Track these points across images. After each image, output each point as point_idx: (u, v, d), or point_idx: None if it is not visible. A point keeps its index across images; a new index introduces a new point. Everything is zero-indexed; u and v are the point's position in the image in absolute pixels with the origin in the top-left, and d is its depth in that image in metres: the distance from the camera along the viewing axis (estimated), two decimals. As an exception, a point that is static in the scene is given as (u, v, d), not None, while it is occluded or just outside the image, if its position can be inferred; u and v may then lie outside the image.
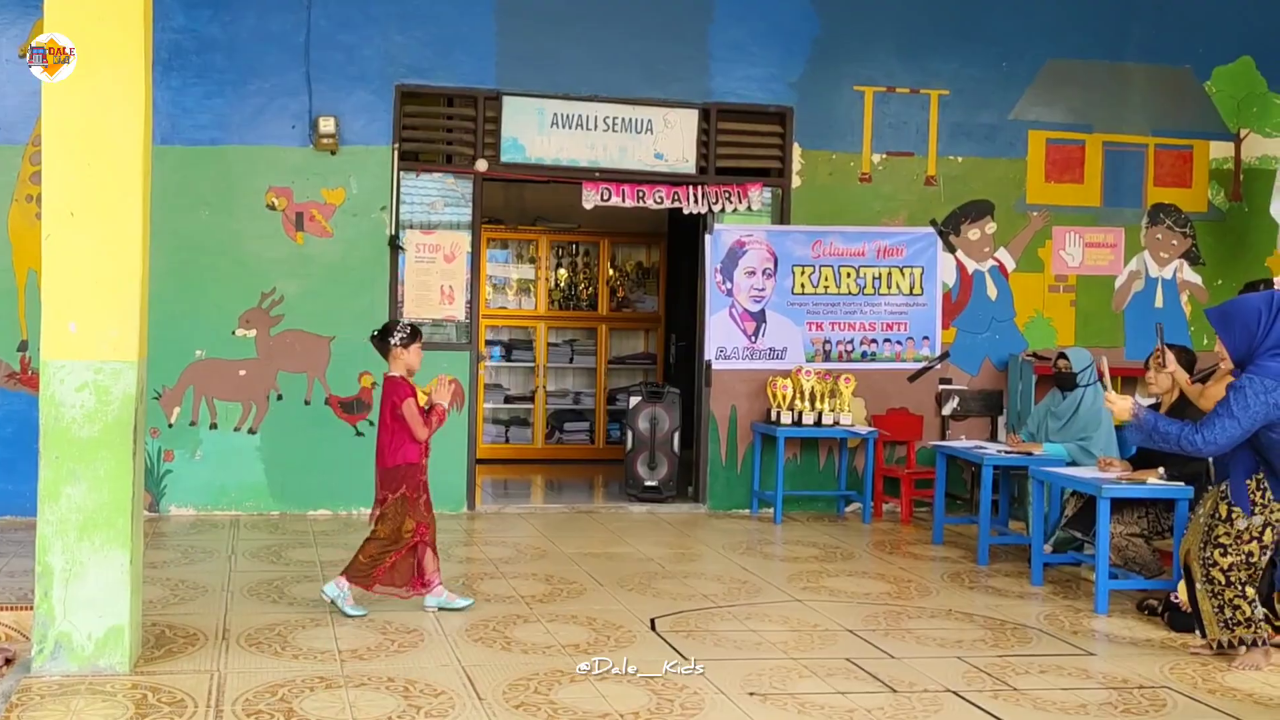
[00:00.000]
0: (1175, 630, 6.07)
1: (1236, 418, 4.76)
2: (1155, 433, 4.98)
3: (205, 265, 8.42)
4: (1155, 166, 9.75)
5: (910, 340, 9.42)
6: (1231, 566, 5.43)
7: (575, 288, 12.02)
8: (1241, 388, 4.68)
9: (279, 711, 4.57)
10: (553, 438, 11.68)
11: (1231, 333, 4.80)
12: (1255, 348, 4.71)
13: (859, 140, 9.33)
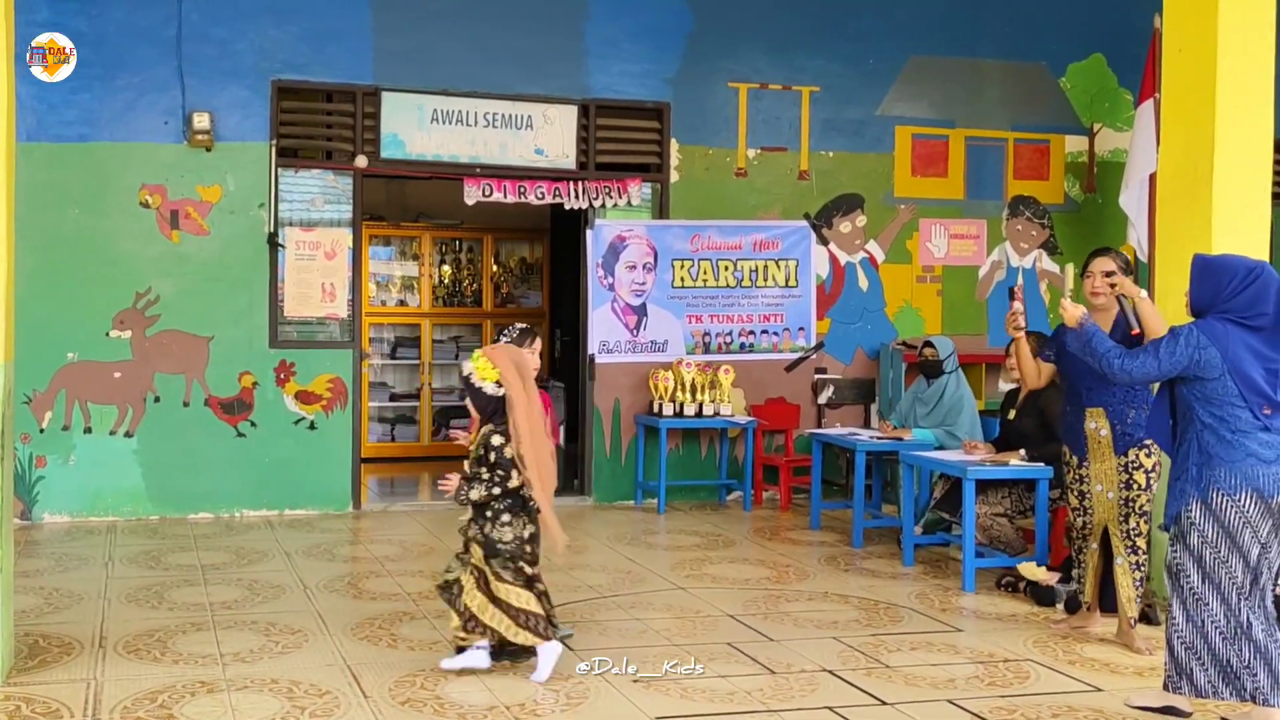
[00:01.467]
0: (1040, 604, 6.37)
1: (1159, 358, 4.66)
2: (1089, 344, 4.92)
3: (76, 265, 8.25)
4: (1015, 160, 10.12)
5: (786, 331, 9.65)
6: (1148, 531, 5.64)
7: (459, 284, 12.03)
8: (1178, 334, 4.64)
9: (158, 718, 4.54)
10: (439, 435, 11.67)
11: (1203, 284, 4.70)
12: (1214, 304, 4.65)
13: (734, 136, 9.52)
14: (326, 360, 8.76)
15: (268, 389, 8.59)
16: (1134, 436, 5.63)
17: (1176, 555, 4.64)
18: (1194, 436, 4.62)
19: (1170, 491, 4.70)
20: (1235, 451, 4.53)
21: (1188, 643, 4.57)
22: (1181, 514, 4.62)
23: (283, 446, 8.61)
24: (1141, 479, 5.66)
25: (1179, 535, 4.64)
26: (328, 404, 8.74)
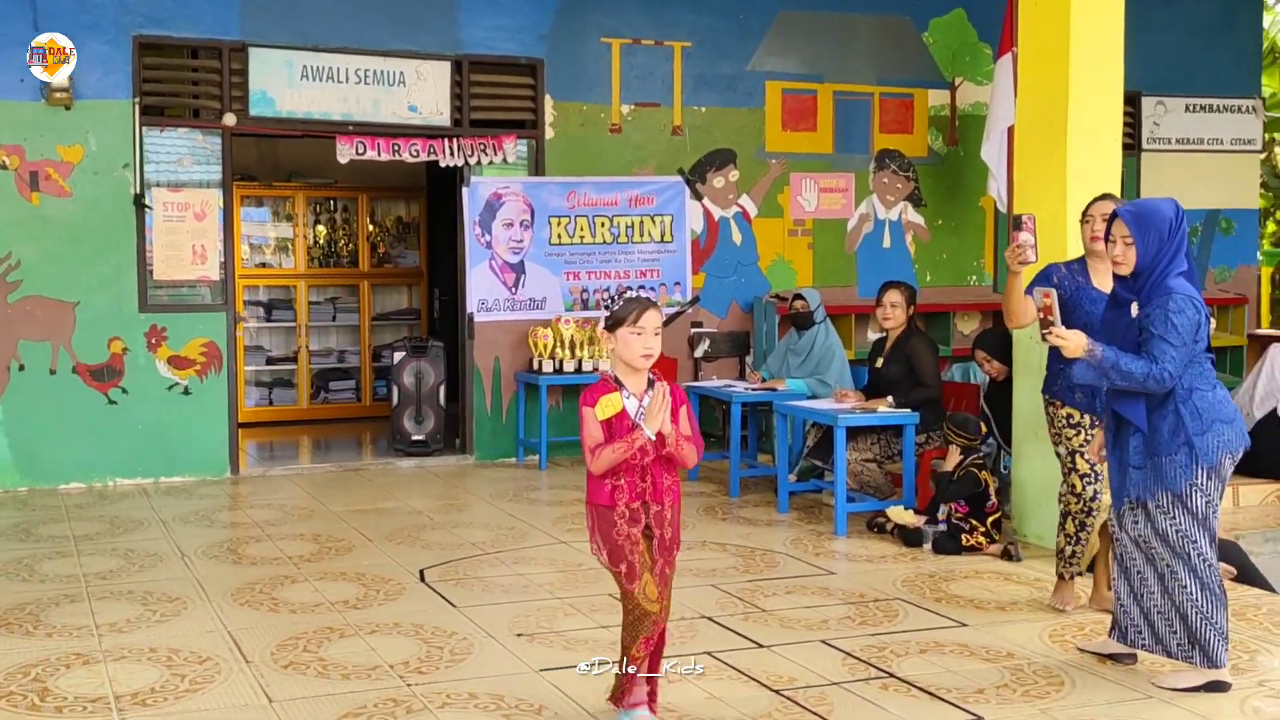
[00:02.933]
0: (908, 545, 6.62)
1: (1181, 338, 4.38)
2: (1116, 370, 4.39)
3: (-70, 232, 7.97)
4: (881, 114, 10.30)
5: (663, 286, 9.76)
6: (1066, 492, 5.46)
7: (335, 244, 11.87)
8: (1171, 309, 4.38)
9: (32, 692, 4.49)
10: (318, 397, 11.57)
11: (1147, 238, 4.48)
12: (1160, 257, 4.47)
13: (608, 92, 9.54)
14: (199, 324, 8.61)
15: (138, 354, 8.42)
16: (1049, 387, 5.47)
17: (1179, 527, 4.49)
18: (1177, 404, 4.45)
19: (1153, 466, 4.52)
20: (1227, 408, 4.50)
21: (1205, 614, 4.49)
22: (1186, 484, 4.45)
23: (156, 413, 8.46)
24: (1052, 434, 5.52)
25: (1177, 505, 4.49)
26: (202, 369, 8.60)
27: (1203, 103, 11.15)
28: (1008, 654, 4.93)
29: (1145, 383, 4.39)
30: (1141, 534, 4.59)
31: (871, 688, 4.54)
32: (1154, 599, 4.61)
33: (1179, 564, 4.51)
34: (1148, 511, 4.55)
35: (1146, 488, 4.54)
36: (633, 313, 4.03)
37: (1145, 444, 4.53)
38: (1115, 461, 4.66)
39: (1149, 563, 4.62)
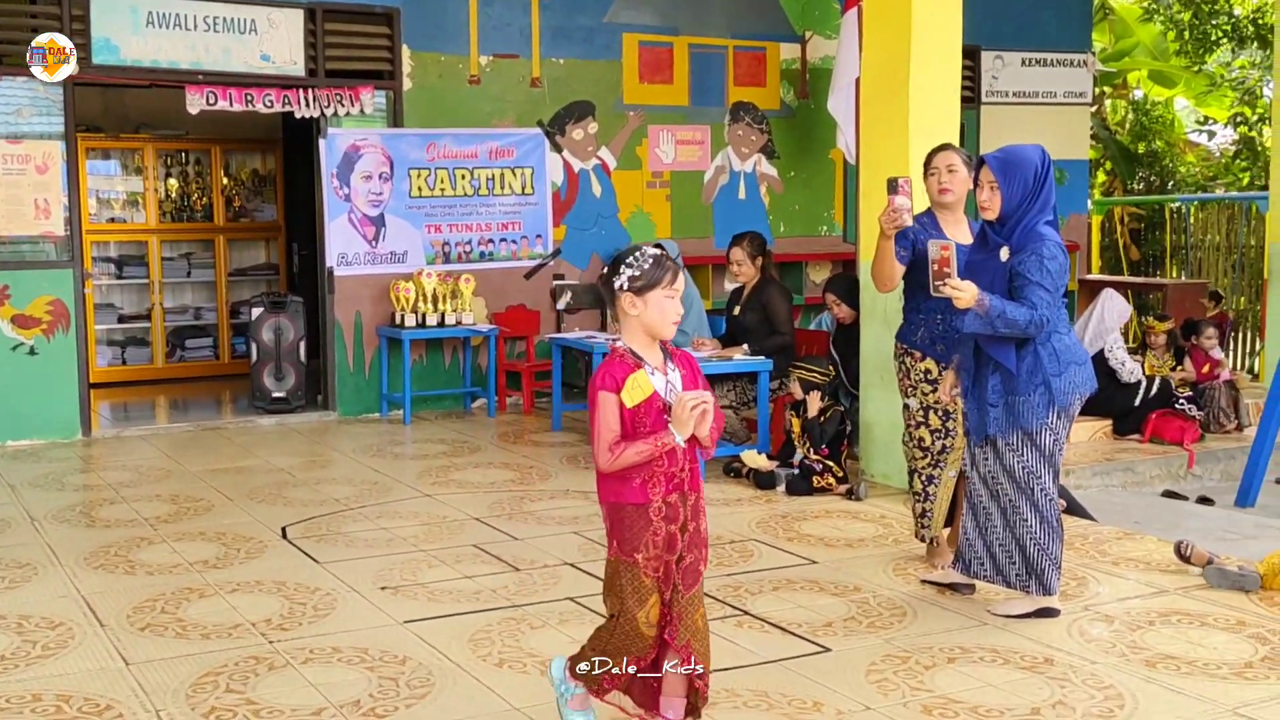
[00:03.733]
0: (760, 488, 6.84)
1: (1055, 283, 4.53)
2: (1002, 319, 4.48)
3: None
4: (735, 67, 10.44)
5: (525, 239, 9.79)
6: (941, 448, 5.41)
7: (188, 198, 11.58)
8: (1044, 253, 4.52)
9: (-119, 662, 4.40)
10: (174, 356, 11.33)
11: (1011, 183, 4.56)
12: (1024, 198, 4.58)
13: (466, 42, 9.48)
14: (44, 281, 8.35)
15: (-20, 315, 8.16)
16: None
17: (1027, 464, 4.67)
18: (1036, 346, 4.59)
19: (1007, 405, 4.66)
20: (1080, 351, 4.71)
21: (1042, 546, 4.70)
22: (1038, 423, 4.61)
23: (0, 374, 8.21)
24: None
25: (1027, 442, 4.66)
26: (48, 328, 8.36)
27: (1038, 57, 11.56)
28: (855, 588, 5.16)
29: (1027, 329, 4.52)
30: (991, 471, 4.81)
31: (727, 625, 4.70)
32: (997, 533, 4.86)
33: (1022, 499, 4.75)
34: (998, 449, 4.77)
35: (1000, 426, 4.71)
36: (668, 274, 3.44)
37: (1004, 383, 4.67)
38: (974, 401, 4.83)
39: (994, 499, 4.85)
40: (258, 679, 4.21)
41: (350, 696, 4.06)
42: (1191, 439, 8.33)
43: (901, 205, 5.07)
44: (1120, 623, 4.75)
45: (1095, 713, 3.92)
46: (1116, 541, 5.89)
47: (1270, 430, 7.48)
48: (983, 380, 4.78)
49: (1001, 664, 4.32)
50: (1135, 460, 8.04)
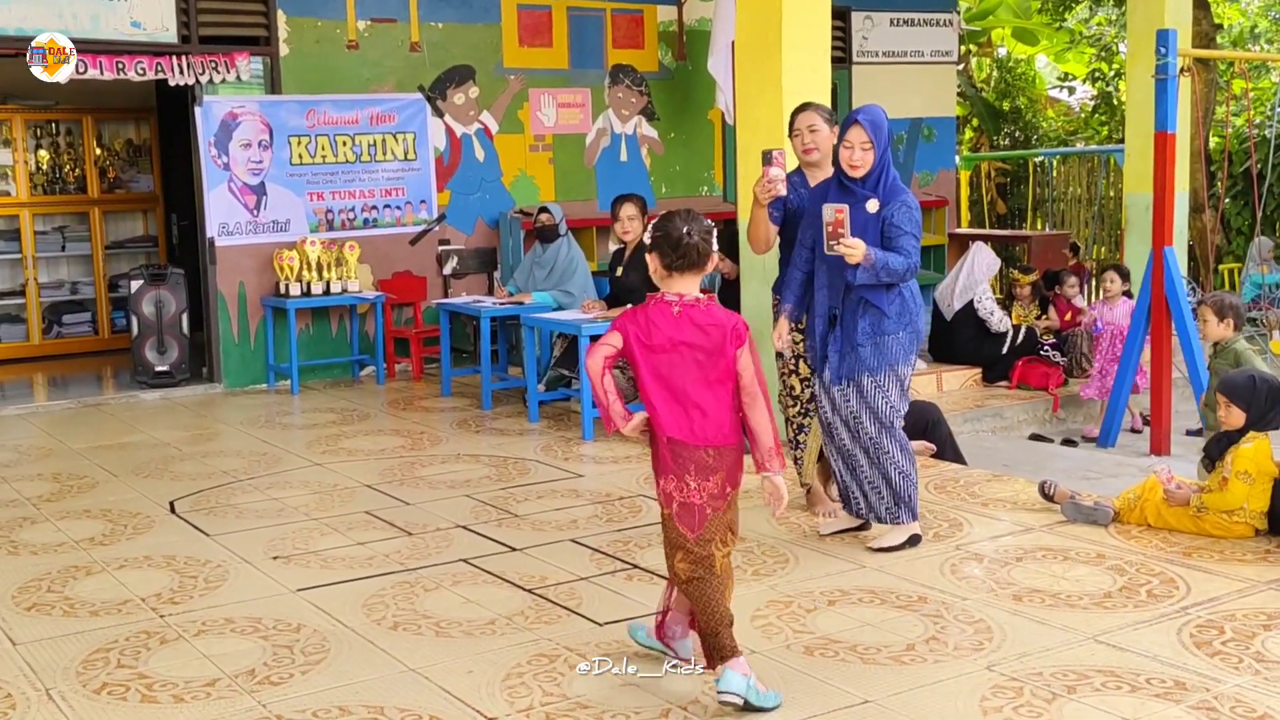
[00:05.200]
0: None
1: (918, 236, 4.88)
2: (885, 269, 4.80)
3: None
4: (613, 30, 10.48)
5: (409, 205, 9.76)
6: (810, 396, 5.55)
7: (60, 170, 11.27)
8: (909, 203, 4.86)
9: None
10: (51, 332, 11.06)
11: (880, 141, 4.87)
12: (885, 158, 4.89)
13: (343, 7, 9.37)
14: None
15: None
16: None
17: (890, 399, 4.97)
18: (901, 290, 4.93)
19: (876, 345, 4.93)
20: (919, 300, 5.05)
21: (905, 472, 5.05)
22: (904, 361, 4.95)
23: None
24: None
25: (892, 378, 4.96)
26: (-82, 309, 8.12)
27: (906, 17, 11.81)
28: (740, 539, 5.29)
29: (905, 275, 4.87)
30: (854, 412, 5.04)
31: (617, 579, 4.83)
32: (864, 471, 5.11)
33: (884, 434, 5.03)
34: (862, 390, 5.01)
35: (868, 365, 4.97)
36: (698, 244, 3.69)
37: (873, 325, 4.95)
38: (836, 345, 5.04)
39: (855, 439, 5.09)
40: (149, 653, 4.21)
41: (245, 666, 4.08)
42: (1056, 384, 8.69)
43: (776, 176, 5.20)
44: (990, 560, 4.98)
45: (966, 645, 4.13)
46: (986, 484, 6.15)
47: (1128, 374, 7.84)
48: (851, 323, 5.01)
49: (879, 604, 4.51)
50: (1004, 406, 8.38)
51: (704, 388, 3.70)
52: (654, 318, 3.71)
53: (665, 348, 3.69)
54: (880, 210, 4.92)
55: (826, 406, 5.15)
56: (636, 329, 3.71)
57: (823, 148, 5.43)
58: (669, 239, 3.69)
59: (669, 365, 3.69)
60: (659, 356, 3.68)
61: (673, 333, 3.68)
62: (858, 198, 4.97)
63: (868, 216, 4.94)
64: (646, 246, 3.79)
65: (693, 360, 3.68)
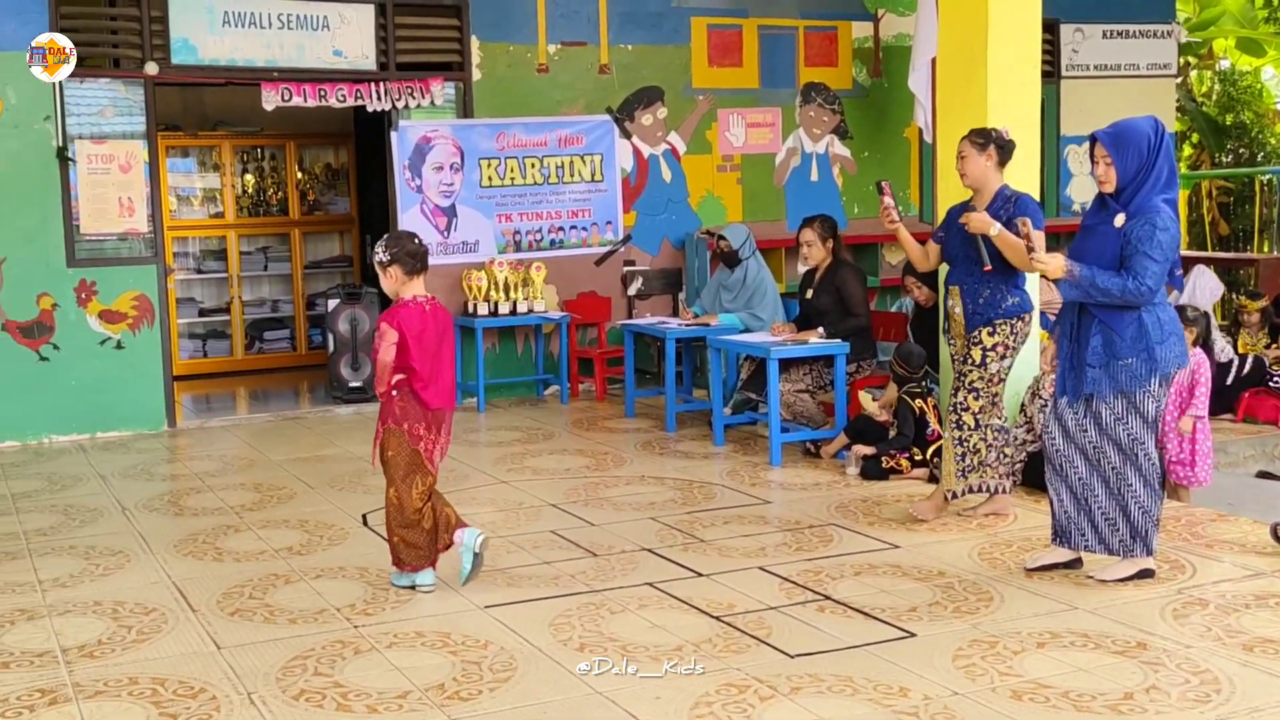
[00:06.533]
0: (866, 479, 6.64)
1: (1164, 254, 4.67)
2: (1095, 288, 4.67)
3: None
4: (805, 48, 10.33)
5: (595, 226, 9.79)
6: (982, 409, 5.71)
7: (264, 193, 11.74)
8: (1157, 223, 4.65)
9: (-20, 648, 4.51)
10: (253, 348, 11.49)
11: (1125, 156, 4.72)
12: (1142, 177, 4.72)
13: (534, 32, 9.49)
14: (129, 277, 8.51)
15: (69, 310, 8.33)
16: (983, 315, 5.62)
17: (1130, 430, 4.77)
18: (1141, 313, 4.70)
19: (1108, 369, 4.75)
20: (1178, 324, 4.83)
21: (1146, 508, 4.83)
22: (1140, 389, 4.73)
23: (89, 368, 8.39)
24: (978, 355, 5.66)
25: (1131, 409, 4.76)
26: (134, 322, 8.53)
27: (1120, 29, 11.31)
28: (939, 573, 5.10)
29: (1123, 296, 4.67)
30: (1091, 440, 4.85)
31: (808, 610, 4.67)
32: (1100, 502, 4.90)
33: (1127, 465, 4.82)
34: (1100, 418, 4.82)
35: (1098, 387, 4.79)
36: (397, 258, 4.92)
37: (1105, 347, 4.76)
38: (1068, 361, 4.88)
39: (1094, 468, 4.88)
40: (344, 662, 4.27)
41: (434, 680, 4.09)
42: (1287, 418, 8.13)
43: (889, 204, 5.81)
44: (1215, 606, 4.64)
45: (1191, 697, 3.84)
46: (1211, 524, 5.77)
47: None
48: (1083, 340, 4.84)
49: (1093, 648, 4.25)
50: (1228, 441, 7.85)
51: (448, 366, 4.98)
52: (416, 316, 4.85)
53: (430, 337, 4.87)
54: (1124, 225, 4.75)
55: (1057, 434, 4.97)
56: (408, 325, 4.82)
57: (971, 173, 5.66)
58: (409, 252, 4.88)
59: (435, 351, 4.89)
60: (425, 345, 4.85)
61: (429, 325, 4.88)
62: (1108, 209, 4.84)
63: (1111, 230, 4.79)
64: (384, 262, 4.86)
65: (441, 344, 4.92)
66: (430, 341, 4.86)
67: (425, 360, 4.84)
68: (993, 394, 5.72)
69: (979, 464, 5.77)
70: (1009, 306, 5.63)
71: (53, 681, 4.19)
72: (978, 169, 5.62)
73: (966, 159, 5.64)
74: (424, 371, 4.84)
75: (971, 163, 5.62)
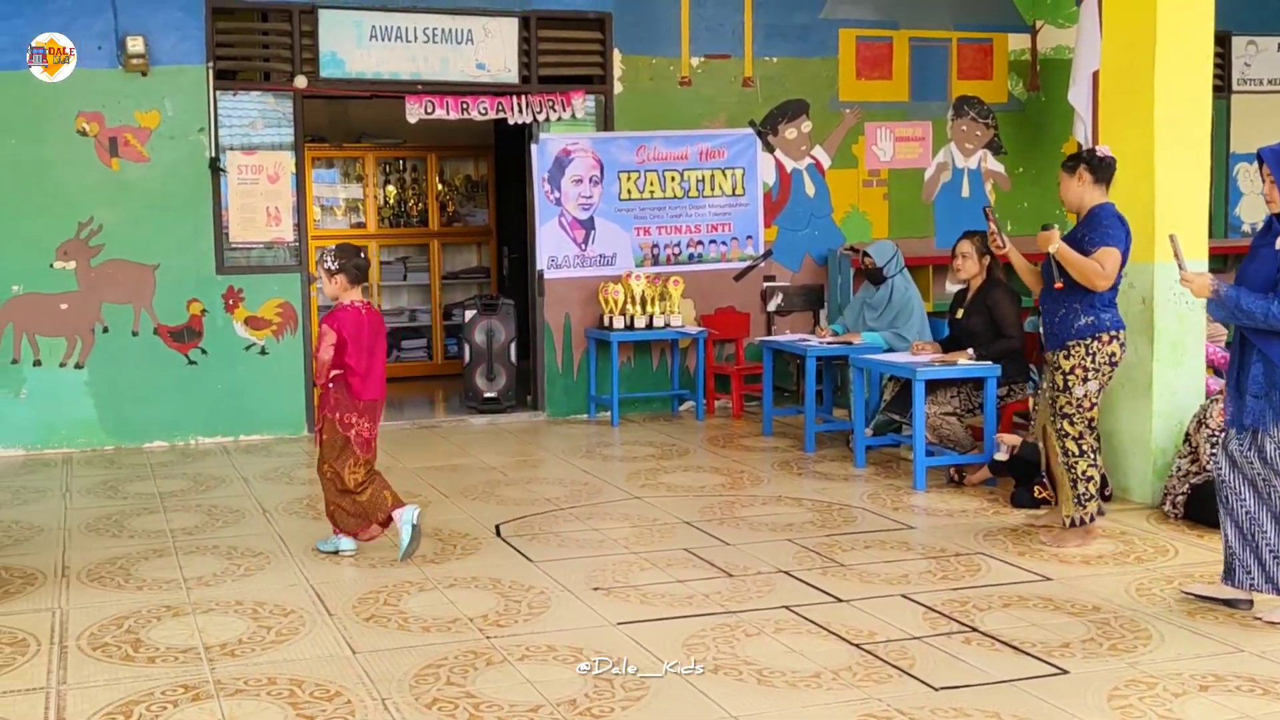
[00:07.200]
0: (1016, 507, 6.40)
1: None
2: (1239, 310, 4.55)
3: (17, 197, 8.10)
4: (958, 60, 10.10)
5: (735, 240, 9.68)
6: (1080, 435, 5.64)
7: (405, 204, 11.92)
8: None
9: (125, 643, 4.60)
10: (390, 356, 11.62)
11: None
12: None
13: (677, 44, 9.44)
14: (274, 285, 8.70)
15: (217, 316, 8.54)
16: (1058, 335, 5.60)
17: None
18: None
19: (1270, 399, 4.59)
20: None
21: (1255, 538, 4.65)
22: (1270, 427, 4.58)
23: (234, 373, 8.58)
24: (1060, 380, 5.61)
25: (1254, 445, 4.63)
26: (278, 329, 8.70)
27: (1296, 41, 10.81)
28: (1093, 608, 4.86)
29: (1267, 320, 4.50)
30: (1259, 473, 4.63)
31: (954, 641, 4.50)
32: (1267, 538, 4.66)
33: None
34: (1264, 451, 4.60)
35: (1262, 418, 4.60)
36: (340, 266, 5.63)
37: (1266, 375, 4.58)
38: (1234, 389, 4.71)
39: (1263, 503, 4.65)
40: (477, 673, 4.24)
41: (566, 695, 4.03)
42: None
43: (993, 230, 6.01)
44: (1401, 655, 4.31)
45: (1378, 753, 3.55)
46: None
47: None
48: (1246, 367, 4.66)
49: (1261, 694, 4.00)
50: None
51: (379, 362, 5.65)
52: (353, 318, 5.52)
53: (365, 338, 5.54)
54: None
55: (1224, 466, 4.74)
56: (346, 329, 5.49)
57: (1066, 198, 5.70)
58: (355, 265, 5.59)
59: (369, 349, 5.56)
60: (360, 344, 5.51)
61: (364, 327, 5.54)
62: (1272, 231, 4.67)
63: (1270, 253, 4.62)
64: (332, 270, 5.51)
65: (374, 343, 5.59)
66: (365, 341, 5.54)
67: (360, 358, 5.52)
68: (1087, 419, 5.63)
69: (1096, 491, 5.69)
70: (1081, 327, 5.55)
71: (196, 678, 4.25)
72: (1071, 193, 5.64)
73: (1061, 185, 5.70)
74: (359, 368, 5.52)
75: (1064, 188, 5.68)
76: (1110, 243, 5.46)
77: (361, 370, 5.52)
